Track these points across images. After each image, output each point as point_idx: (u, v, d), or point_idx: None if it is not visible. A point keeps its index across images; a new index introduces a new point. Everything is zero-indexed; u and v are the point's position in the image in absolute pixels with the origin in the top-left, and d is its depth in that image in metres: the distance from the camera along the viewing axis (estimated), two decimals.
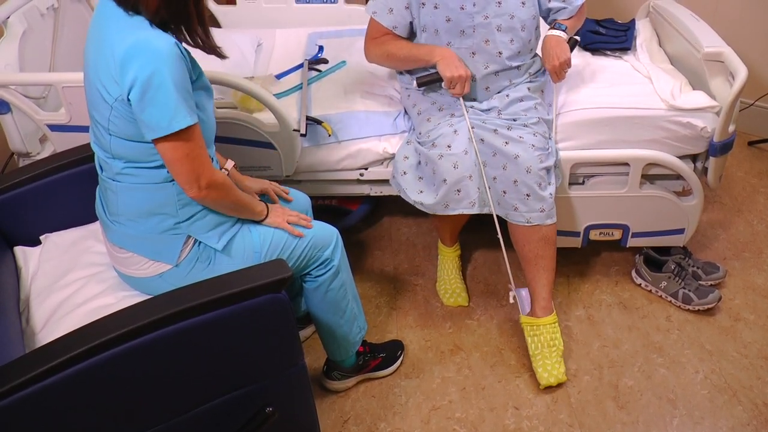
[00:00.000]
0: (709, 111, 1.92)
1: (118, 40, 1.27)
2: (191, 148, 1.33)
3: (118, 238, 1.46)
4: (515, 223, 1.87)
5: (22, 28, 2.11)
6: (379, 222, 2.52)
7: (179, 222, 1.44)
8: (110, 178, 1.43)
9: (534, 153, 1.81)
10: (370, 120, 2.02)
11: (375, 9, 1.95)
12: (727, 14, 2.75)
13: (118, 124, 1.34)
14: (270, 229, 1.56)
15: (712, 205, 2.52)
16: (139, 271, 1.47)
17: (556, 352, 1.86)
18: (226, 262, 1.50)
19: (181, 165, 1.34)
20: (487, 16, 1.85)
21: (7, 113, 2.02)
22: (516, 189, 1.82)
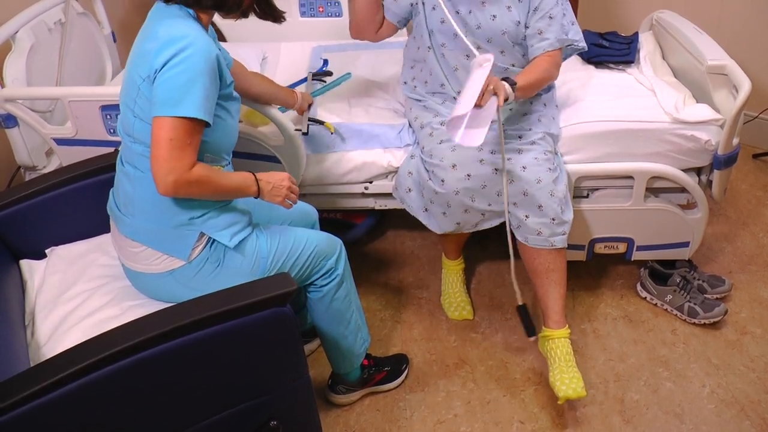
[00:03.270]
0: (713, 124, 1.92)
1: (165, 29, 1.35)
2: (180, 136, 1.32)
3: (132, 230, 1.47)
4: (538, 248, 1.86)
5: (29, 43, 2.13)
6: (384, 235, 2.52)
7: (193, 218, 1.45)
8: (130, 163, 1.46)
9: (554, 175, 1.82)
10: (374, 132, 2.02)
11: None
12: (731, 27, 2.75)
13: (142, 106, 1.38)
14: (276, 237, 1.57)
15: (717, 218, 2.51)
16: (150, 266, 1.48)
17: (572, 365, 1.85)
18: (236, 264, 1.50)
19: (160, 147, 1.32)
20: (479, 26, 1.86)
21: (14, 127, 2.04)
22: (542, 213, 1.81)
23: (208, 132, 1.40)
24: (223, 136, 1.48)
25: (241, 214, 1.54)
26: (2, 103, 1.97)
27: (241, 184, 1.49)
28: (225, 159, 1.54)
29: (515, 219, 1.85)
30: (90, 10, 2.51)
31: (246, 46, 2.55)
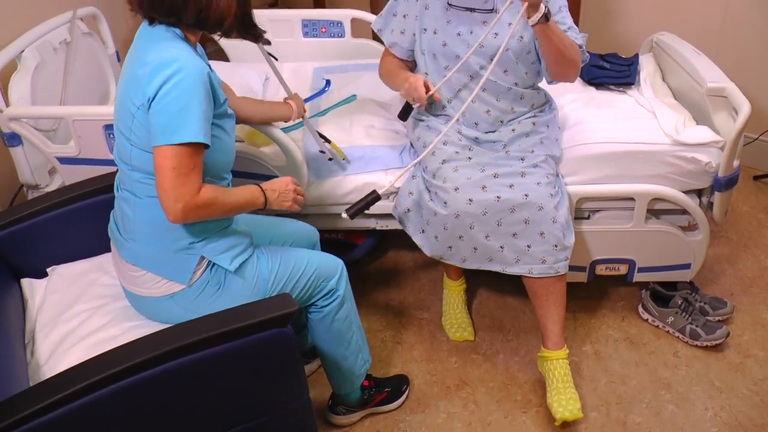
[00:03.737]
0: (714, 146, 1.92)
1: (155, 53, 1.34)
2: (183, 163, 1.32)
3: (132, 255, 1.47)
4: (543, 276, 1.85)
5: (35, 62, 2.14)
6: (385, 256, 2.52)
7: (194, 242, 1.46)
8: (128, 190, 1.46)
9: (555, 200, 1.82)
10: (376, 154, 2.03)
11: (380, 26, 2.04)
12: (730, 49, 2.77)
13: (139, 134, 1.38)
14: (277, 258, 1.57)
15: (718, 240, 2.51)
16: (151, 290, 1.48)
17: (570, 386, 1.84)
18: (237, 286, 1.50)
19: (165, 178, 1.33)
20: (482, 45, 1.87)
21: (18, 145, 2.05)
22: (544, 240, 1.81)
23: (206, 152, 1.40)
24: (221, 155, 1.48)
25: (241, 236, 1.54)
26: (7, 122, 1.98)
27: (249, 199, 1.51)
28: (225, 179, 1.54)
29: (512, 253, 1.83)
30: (95, 30, 2.53)
31: (248, 66, 2.57)
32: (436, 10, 1.92)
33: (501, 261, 1.86)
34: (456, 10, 1.89)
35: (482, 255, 1.86)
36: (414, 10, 1.96)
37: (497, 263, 1.87)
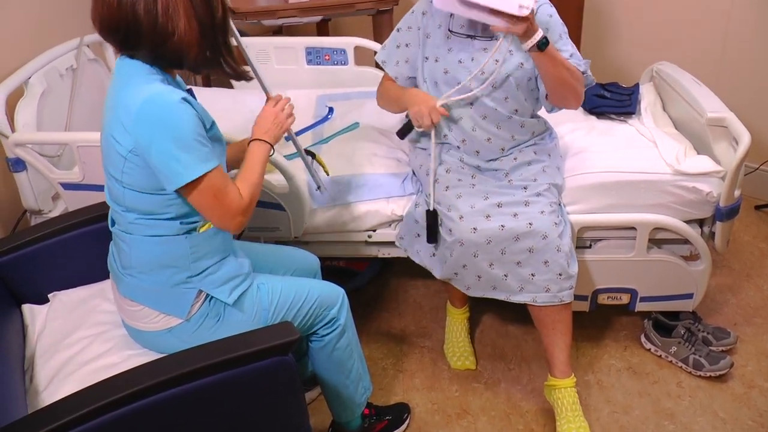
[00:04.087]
0: (714, 176, 1.93)
1: (134, 94, 1.31)
2: (216, 189, 1.36)
3: (130, 290, 1.47)
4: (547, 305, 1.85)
5: (41, 89, 2.17)
6: (387, 283, 2.51)
7: (191, 276, 1.45)
8: (123, 230, 1.45)
9: (559, 229, 1.82)
10: (378, 182, 2.04)
11: (384, 58, 2.05)
12: (729, 79, 2.79)
13: (132, 175, 1.36)
14: (277, 288, 1.56)
15: (720, 270, 2.50)
16: (149, 324, 1.47)
17: (579, 414, 1.83)
18: (236, 318, 1.50)
19: (211, 209, 1.38)
20: (482, 72, 1.89)
21: (23, 171, 2.06)
22: (548, 269, 1.81)
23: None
24: None
25: (240, 266, 1.53)
26: (12, 148, 2.00)
27: (264, 158, 1.52)
28: None
29: (517, 281, 1.83)
30: (101, 56, 2.56)
31: (251, 93, 2.58)
32: (437, 38, 1.94)
33: (505, 289, 1.86)
34: (457, 38, 1.92)
35: (486, 283, 1.86)
36: (416, 39, 1.98)
37: (501, 291, 1.87)
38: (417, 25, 1.98)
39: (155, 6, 1.27)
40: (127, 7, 1.27)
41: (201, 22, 1.31)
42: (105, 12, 1.29)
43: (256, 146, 1.53)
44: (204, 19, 1.32)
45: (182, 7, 1.29)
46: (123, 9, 1.27)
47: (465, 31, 1.91)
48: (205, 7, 1.32)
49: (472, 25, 1.90)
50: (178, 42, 1.30)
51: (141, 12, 1.27)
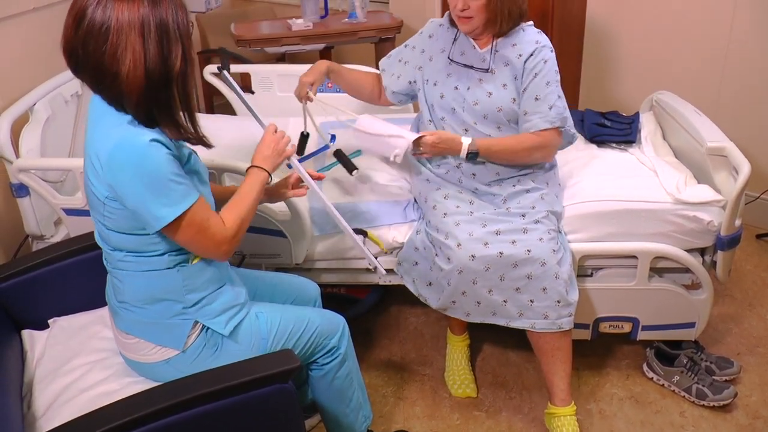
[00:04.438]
0: (715, 205, 1.93)
1: (103, 140, 1.29)
2: (197, 225, 1.34)
3: (126, 324, 1.46)
4: (546, 332, 1.85)
5: (46, 115, 2.19)
6: (388, 311, 2.51)
7: (186, 307, 1.44)
8: (114, 267, 1.45)
9: (558, 256, 1.82)
10: (380, 209, 2.05)
11: (385, 67, 2.14)
12: (729, 108, 2.81)
13: (114, 218, 1.35)
14: (276, 317, 1.55)
15: (722, 299, 2.49)
16: (146, 356, 1.47)
17: None
18: (234, 348, 1.49)
19: (197, 244, 1.37)
20: (476, 102, 1.92)
21: (26, 197, 2.07)
22: (547, 296, 1.81)
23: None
24: None
25: (236, 296, 1.53)
26: (16, 173, 2.01)
27: (260, 186, 1.51)
28: None
29: (516, 307, 1.83)
30: None
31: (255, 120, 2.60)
32: (439, 62, 1.99)
33: (504, 315, 1.85)
34: (456, 65, 1.97)
35: (486, 309, 1.86)
36: (418, 60, 2.05)
37: (501, 317, 1.86)
38: (422, 47, 2.05)
39: (105, 43, 1.23)
40: (79, 37, 1.24)
41: (149, 72, 1.25)
42: (64, 33, 1.27)
43: (253, 173, 1.52)
44: (154, 69, 1.25)
45: (132, 51, 1.23)
46: (77, 36, 1.25)
47: (463, 61, 1.95)
48: (159, 57, 1.25)
49: (470, 55, 1.94)
50: (118, 84, 1.25)
51: (90, 45, 1.23)
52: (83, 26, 1.23)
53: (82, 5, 1.24)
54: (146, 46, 1.24)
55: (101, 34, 1.22)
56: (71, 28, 1.25)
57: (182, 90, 1.33)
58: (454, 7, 1.86)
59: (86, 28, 1.23)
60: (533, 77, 1.88)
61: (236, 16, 4.05)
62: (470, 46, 1.95)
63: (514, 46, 1.91)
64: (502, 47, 1.92)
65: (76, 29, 1.25)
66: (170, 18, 1.27)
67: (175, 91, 1.31)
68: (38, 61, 2.45)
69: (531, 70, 1.89)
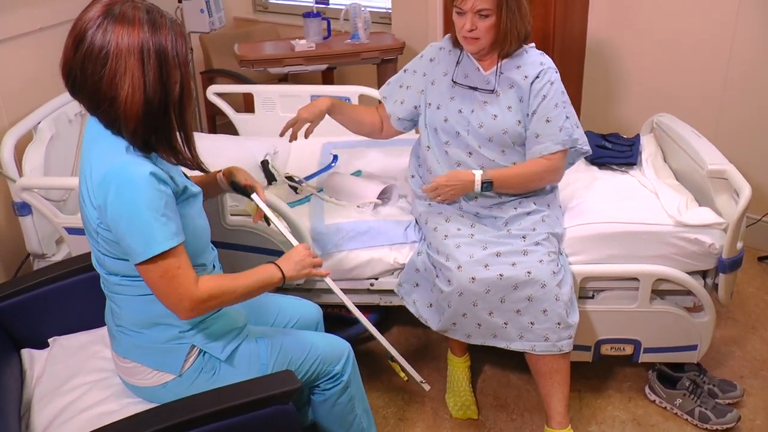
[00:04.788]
0: (716, 228, 1.93)
1: (96, 166, 1.28)
2: (166, 269, 1.28)
3: (123, 348, 1.46)
4: (545, 354, 1.84)
5: (50, 134, 2.20)
6: (388, 332, 2.50)
7: (183, 331, 1.44)
8: (111, 291, 1.44)
9: (558, 278, 1.82)
10: (381, 229, 2.05)
11: (385, 94, 2.12)
12: (728, 131, 2.82)
13: (106, 246, 1.34)
14: (277, 343, 1.54)
15: (725, 322, 2.48)
16: (143, 380, 1.46)
17: None
18: (231, 373, 1.48)
19: (158, 287, 1.30)
20: (481, 125, 1.92)
21: (28, 215, 2.07)
22: (547, 318, 1.81)
23: None
24: (191, 242, 1.38)
25: (234, 320, 1.52)
26: (19, 192, 2.02)
27: (264, 279, 1.45)
28: (202, 265, 1.47)
29: (516, 329, 1.83)
30: None
31: (257, 140, 2.62)
32: (442, 85, 1.99)
33: (504, 337, 1.85)
34: (460, 88, 1.97)
35: (486, 331, 1.85)
36: (420, 84, 2.05)
37: (501, 339, 1.86)
38: (423, 71, 2.05)
39: (103, 67, 1.22)
40: (78, 59, 1.24)
41: (148, 97, 1.24)
42: (64, 54, 1.27)
43: (271, 268, 1.47)
44: (153, 95, 1.25)
45: (130, 76, 1.22)
46: (75, 58, 1.24)
47: (468, 83, 1.95)
48: (158, 83, 1.25)
49: (474, 77, 1.94)
50: (115, 109, 1.24)
51: (88, 68, 1.23)
52: (82, 49, 1.23)
53: (82, 28, 1.24)
54: (145, 71, 1.24)
55: (100, 58, 1.22)
56: (70, 49, 1.25)
57: (179, 116, 1.32)
58: (461, 28, 1.86)
59: (85, 51, 1.23)
60: (542, 99, 1.89)
61: (240, 36, 4.08)
62: (474, 68, 1.96)
63: (519, 68, 1.92)
64: (507, 69, 1.93)
65: (75, 51, 1.24)
66: (169, 45, 1.26)
67: (173, 117, 1.31)
68: (43, 80, 2.47)
69: (538, 92, 1.89)
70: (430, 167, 2.02)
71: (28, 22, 2.44)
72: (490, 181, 1.88)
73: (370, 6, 3.64)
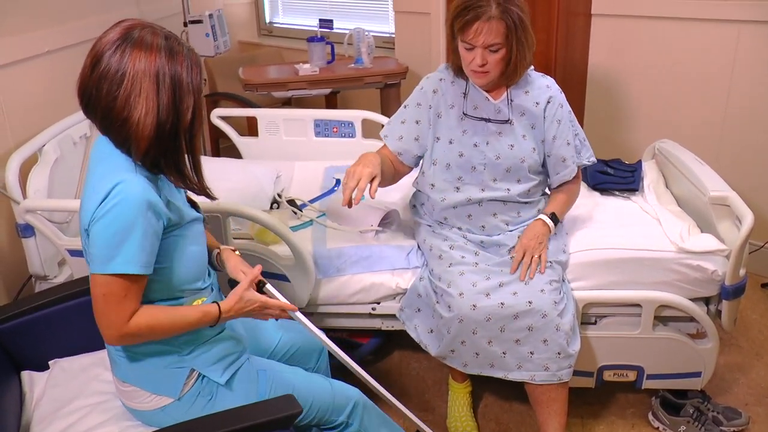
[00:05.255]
0: (719, 254, 1.93)
1: (98, 177, 1.29)
2: (113, 291, 1.27)
3: (122, 372, 1.45)
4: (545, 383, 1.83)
5: (55, 156, 2.21)
6: (390, 356, 2.48)
7: (182, 355, 1.43)
8: None
9: (560, 307, 1.82)
10: (383, 254, 2.05)
11: (386, 133, 2.04)
12: (730, 157, 2.83)
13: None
14: (280, 381, 1.52)
15: (728, 348, 2.47)
16: (142, 404, 1.45)
17: None
18: (229, 398, 1.47)
19: (97, 303, 1.28)
20: (498, 156, 1.91)
21: (31, 237, 2.08)
22: (547, 348, 1.80)
23: (169, 267, 1.36)
24: (187, 266, 1.40)
25: (234, 343, 1.51)
26: (23, 214, 2.02)
27: (201, 320, 1.40)
28: (199, 290, 1.46)
29: (515, 359, 1.82)
30: None
31: (260, 164, 2.63)
32: (451, 119, 1.95)
33: (503, 367, 1.84)
34: (471, 120, 1.93)
35: (484, 360, 1.84)
36: (426, 116, 1.99)
37: (499, 369, 1.85)
38: (428, 103, 1.98)
39: (118, 88, 1.24)
40: (94, 78, 1.26)
41: (161, 120, 1.26)
42: (81, 73, 1.29)
43: (210, 309, 1.41)
44: (165, 118, 1.27)
45: (145, 97, 1.25)
46: (92, 77, 1.26)
47: (478, 114, 1.93)
48: (172, 107, 1.27)
49: (484, 107, 1.93)
50: (128, 130, 1.26)
51: (104, 87, 1.25)
52: (99, 69, 1.26)
53: (101, 49, 1.27)
54: (159, 94, 1.26)
55: (116, 79, 1.25)
56: (88, 69, 1.28)
57: (189, 141, 1.34)
58: (470, 62, 1.82)
59: (102, 71, 1.25)
60: (558, 125, 1.91)
61: (244, 60, 4.12)
62: (483, 98, 1.93)
63: (527, 93, 1.93)
64: (516, 96, 1.92)
65: (92, 71, 1.27)
66: (185, 72, 1.29)
67: (183, 141, 1.32)
68: (49, 102, 2.49)
69: (553, 118, 1.91)
70: (433, 205, 2.01)
71: (36, 46, 2.47)
72: (553, 213, 1.95)
73: (373, 31, 3.68)
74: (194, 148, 1.36)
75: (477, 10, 1.76)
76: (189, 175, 1.37)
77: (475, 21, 1.76)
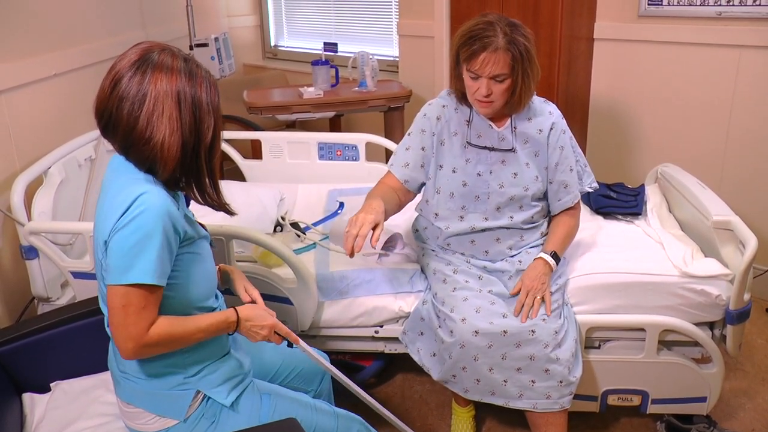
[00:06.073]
0: (723, 279, 1.92)
1: (116, 189, 1.29)
2: (132, 301, 1.26)
3: (127, 394, 1.45)
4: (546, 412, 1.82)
5: (60, 178, 2.22)
6: (392, 379, 2.47)
7: (188, 377, 1.43)
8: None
9: (559, 337, 1.81)
10: (386, 277, 2.04)
11: (392, 162, 2.03)
12: (732, 183, 2.84)
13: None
14: (282, 402, 1.52)
15: (734, 373, 2.45)
16: (146, 426, 1.44)
17: None
18: (231, 420, 1.46)
19: (115, 315, 1.27)
20: (502, 185, 1.92)
21: (35, 259, 2.08)
22: (549, 377, 1.79)
23: (185, 283, 1.37)
24: (203, 282, 1.41)
25: (239, 365, 1.51)
26: (27, 236, 2.03)
27: (219, 326, 1.42)
28: (213, 309, 1.47)
29: (516, 387, 1.81)
30: None
31: (264, 186, 2.64)
32: (454, 147, 1.95)
33: (504, 395, 1.83)
34: (474, 149, 1.93)
35: (485, 387, 1.83)
36: (430, 143, 1.97)
37: (500, 397, 1.84)
38: (432, 130, 1.97)
39: (140, 108, 1.26)
40: (114, 98, 1.27)
41: (185, 140, 1.29)
42: (99, 94, 1.31)
43: (229, 312, 1.45)
44: (189, 137, 1.29)
45: (168, 117, 1.27)
46: (112, 98, 1.27)
47: (482, 143, 1.93)
48: (194, 125, 1.30)
49: (488, 136, 1.93)
50: (152, 149, 1.27)
51: (124, 108, 1.26)
52: (119, 90, 1.27)
53: (120, 70, 1.28)
54: (182, 115, 1.28)
55: (137, 99, 1.26)
56: (107, 90, 1.29)
57: (209, 160, 1.36)
58: (475, 92, 1.82)
59: (122, 92, 1.27)
60: (561, 151, 1.92)
61: (249, 82, 4.16)
62: (486, 126, 1.93)
63: (530, 120, 1.93)
64: (520, 123, 1.93)
65: (111, 91, 1.28)
66: (204, 94, 1.32)
67: (203, 160, 1.34)
68: (55, 125, 2.51)
69: (556, 144, 1.91)
70: (437, 233, 2.01)
71: (43, 69, 2.49)
72: (554, 252, 1.92)
73: (377, 54, 3.71)
74: (213, 166, 1.39)
75: (484, 41, 1.75)
76: (209, 192, 1.39)
77: (482, 51, 1.75)
